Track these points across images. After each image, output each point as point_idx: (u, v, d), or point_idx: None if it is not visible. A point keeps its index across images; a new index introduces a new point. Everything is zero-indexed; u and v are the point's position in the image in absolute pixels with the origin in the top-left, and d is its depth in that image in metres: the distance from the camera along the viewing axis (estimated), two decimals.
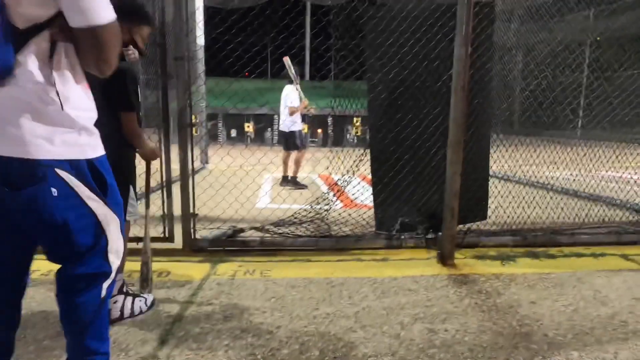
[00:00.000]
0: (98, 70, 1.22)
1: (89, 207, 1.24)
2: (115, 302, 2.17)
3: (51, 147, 1.16)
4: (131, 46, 2.10)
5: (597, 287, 2.70)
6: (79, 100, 1.23)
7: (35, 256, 1.37)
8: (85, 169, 1.22)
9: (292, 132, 6.20)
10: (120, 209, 1.35)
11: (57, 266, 1.34)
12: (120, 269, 2.20)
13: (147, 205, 2.40)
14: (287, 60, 5.95)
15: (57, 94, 1.17)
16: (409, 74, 3.30)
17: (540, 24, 6.31)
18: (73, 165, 1.20)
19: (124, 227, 1.40)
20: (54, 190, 1.17)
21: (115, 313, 2.16)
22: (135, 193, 2.25)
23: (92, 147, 1.26)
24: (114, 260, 1.35)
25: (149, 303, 2.29)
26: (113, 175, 1.33)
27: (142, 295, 2.31)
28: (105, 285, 1.35)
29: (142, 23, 2.12)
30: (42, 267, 2.68)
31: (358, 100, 3.81)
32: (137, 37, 2.11)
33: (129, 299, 2.23)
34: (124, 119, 2.04)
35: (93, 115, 1.29)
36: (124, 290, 2.26)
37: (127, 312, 2.20)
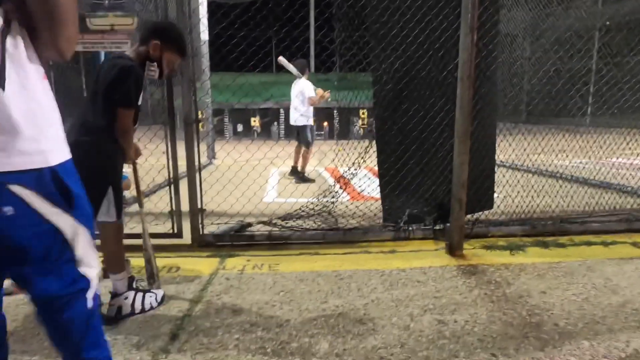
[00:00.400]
0: (58, 51, 1.07)
1: (51, 223, 1.10)
2: (126, 299, 2.20)
3: (2, 158, 1.00)
4: (156, 64, 2.17)
5: (608, 275, 2.67)
6: (37, 95, 1.06)
7: None
8: (47, 179, 1.06)
9: (304, 127, 6.20)
10: (89, 219, 1.22)
11: None
12: (120, 268, 2.22)
13: (141, 204, 2.41)
14: (281, 60, 5.94)
15: (11, 88, 1.00)
16: (414, 64, 3.26)
17: (548, 10, 6.21)
18: (31, 177, 1.04)
19: (93, 236, 1.26)
20: (7, 209, 1.02)
21: (127, 309, 2.19)
22: (118, 196, 2.18)
23: (53, 152, 1.09)
24: (87, 271, 1.21)
25: (159, 298, 2.32)
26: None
27: (152, 291, 2.34)
28: (90, 295, 1.22)
29: (176, 51, 2.22)
30: None
31: (363, 92, 3.79)
32: (165, 60, 2.19)
33: (140, 294, 2.25)
34: (120, 114, 2.05)
35: (52, 113, 1.11)
36: (134, 286, 2.28)
37: (137, 307, 2.22)
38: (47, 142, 1.08)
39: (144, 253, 2.41)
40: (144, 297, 2.26)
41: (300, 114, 6.15)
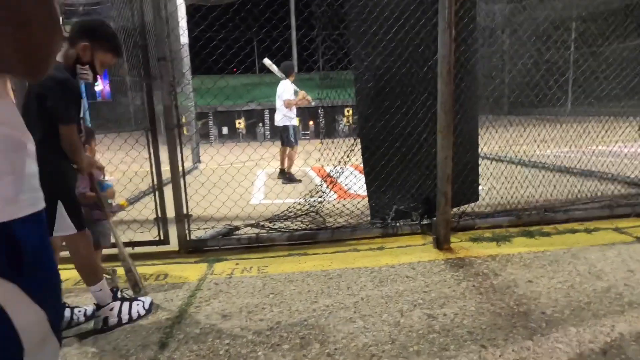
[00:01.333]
0: (26, 68, 0.75)
1: None
2: (111, 309, 2.16)
3: None
4: (88, 66, 2.06)
5: (592, 261, 2.72)
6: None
7: None
8: None
9: (286, 127, 6.21)
10: (52, 293, 0.85)
11: None
12: (96, 279, 2.13)
13: (105, 217, 2.38)
14: (266, 61, 6.01)
15: None
16: (395, 61, 3.28)
17: (524, 1, 6.30)
18: None
19: (59, 323, 0.90)
20: None
21: (113, 320, 2.16)
22: (73, 208, 2.07)
23: (8, 204, 0.76)
24: None
25: (147, 306, 2.29)
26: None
27: (139, 298, 2.30)
28: None
29: (109, 51, 2.10)
30: None
31: (346, 90, 3.79)
32: (97, 61, 2.07)
33: (126, 304, 2.22)
34: (62, 132, 1.94)
35: (9, 149, 0.78)
36: (119, 296, 2.25)
37: (125, 317, 2.19)
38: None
39: (122, 264, 2.38)
40: (130, 305, 2.22)
41: (283, 114, 6.18)
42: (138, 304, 2.25)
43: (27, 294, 0.77)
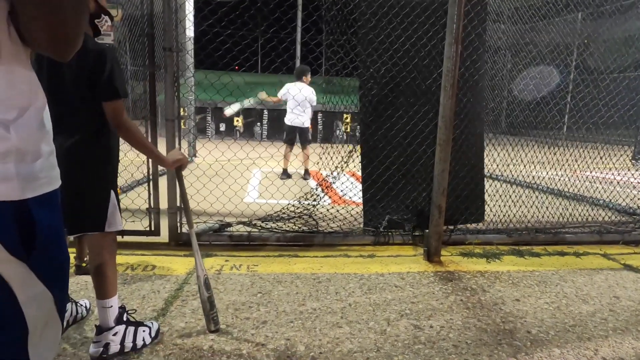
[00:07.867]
0: (56, 48, 0.76)
1: None
2: (115, 334, 1.83)
3: None
4: (102, 14, 1.73)
5: (579, 285, 2.74)
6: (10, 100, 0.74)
7: None
8: (7, 215, 0.73)
9: (309, 129, 6.47)
10: (60, 275, 0.84)
11: None
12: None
13: None
14: (233, 106, 6.35)
15: None
16: (400, 71, 3.30)
17: (528, 25, 6.39)
18: None
19: (64, 306, 0.89)
20: None
21: (115, 347, 1.82)
22: (117, 195, 1.85)
23: (27, 182, 0.75)
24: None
25: (153, 333, 1.95)
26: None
27: (145, 323, 1.97)
28: None
29: None
30: None
31: (349, 96, 3.80)
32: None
33: (131, 329, 1.88)
34: (109, 109, 1.67)
35: (34, 126, 0.79)
36: (124, 318, 1.90)
37: (128, 345, 1.85)
38: (18, 166, 0.75)
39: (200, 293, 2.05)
40: (136, 331, 1.89)
41: (309, 116, 6.41)
42: (144, 330, 1.92)
43: (35, 274, 0.76)
